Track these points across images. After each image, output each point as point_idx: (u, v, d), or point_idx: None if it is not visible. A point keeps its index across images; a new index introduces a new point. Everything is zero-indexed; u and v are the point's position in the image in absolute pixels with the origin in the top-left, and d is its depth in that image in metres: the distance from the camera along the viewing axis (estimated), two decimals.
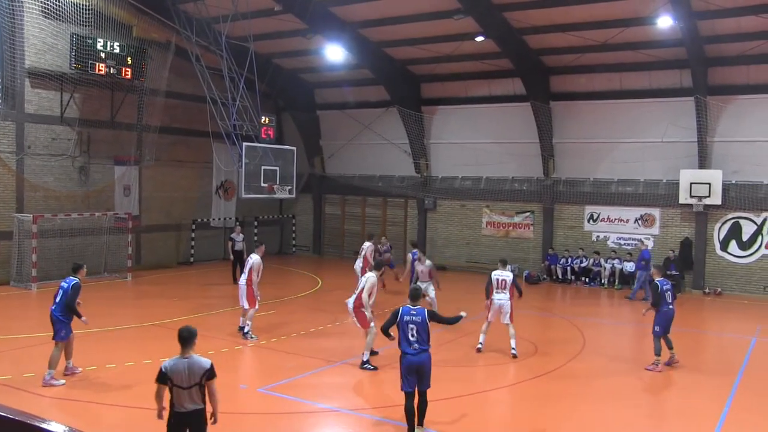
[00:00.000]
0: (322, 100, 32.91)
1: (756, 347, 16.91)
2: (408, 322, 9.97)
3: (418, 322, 9.95)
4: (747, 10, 20.47)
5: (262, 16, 24.03)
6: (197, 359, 7.59)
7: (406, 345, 9.93)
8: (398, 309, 10.18)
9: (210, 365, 7.58)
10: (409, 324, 9.96)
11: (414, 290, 10.55)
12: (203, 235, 29.84)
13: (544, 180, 27.71)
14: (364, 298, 14.00)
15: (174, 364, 7.50)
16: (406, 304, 10.24)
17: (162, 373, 7.48)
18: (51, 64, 23.18)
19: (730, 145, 24.31)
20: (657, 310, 14.42)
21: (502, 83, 28.00)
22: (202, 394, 7.53)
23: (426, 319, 10.00)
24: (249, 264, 16.36)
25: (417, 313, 10.03)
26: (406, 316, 10.02)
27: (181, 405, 7.44)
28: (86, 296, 21.04)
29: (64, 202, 24.31)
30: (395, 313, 10.16)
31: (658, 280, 14.66)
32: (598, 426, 11.07)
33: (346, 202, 33.64)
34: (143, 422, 10.31)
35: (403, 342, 9.96)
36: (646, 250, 24.29)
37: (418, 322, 9.94)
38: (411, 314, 10.03)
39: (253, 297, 16.14)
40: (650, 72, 25.08)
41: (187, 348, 7.65)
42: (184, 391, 7.43)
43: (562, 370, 14.26)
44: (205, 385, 7.53)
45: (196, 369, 7.49)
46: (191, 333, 7.72)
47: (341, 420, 11.07)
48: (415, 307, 10.16)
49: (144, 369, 13.30)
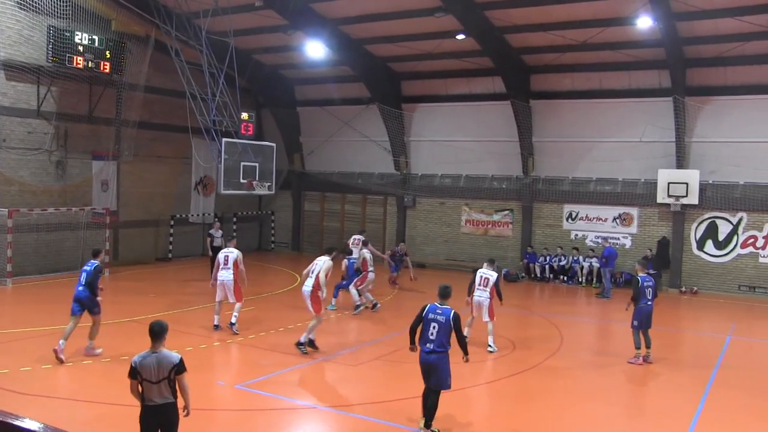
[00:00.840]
0: (303, 97, 32.82)
1: (730, 345, 17.11)
2: (431, 320, 9.89)
3: (441, 322, 9.85)
4: (725, 12, 20.67)
5: (242, 11, 23.92)
6: (166, 354, 7.58)
7: (423, 342, 9.92)
8: (425, 306, 10.12)
9: (179, 359, 7.56)
10: (431, 322, 9.88)
11: (444, 289, 10.30)
12: (182, 231, 29.69)
13: (524, 178, 27.81)
14: (321, 278, 14.44)
15: (143, 359, 7.51)
16: (434, 302, 10.14)
17: (132, 367, 7.49)
18: (27, 57, 22.85)
19: (707, 146, 24.54)
20: (636, 305, 14.65)
21: (482, 81, 28.06)
22: (172, 388, 7.51)
23: (450, 320, 9.85)
24: (232, 257, 16.31)
25: (442, 312, 9.92)
26: (430, 313, 9.95)
27: (150, 399, 7.44)
28: (63, 292, 20.96)
29: (40, 196, 24.03)
30: (421, 309, 10.10)
31: (640, 276, 14.97)
32: (575, 422, 11.13)
33: (326, 199, 33.58)
34: (119, 419, 10.26)
35: (422, 339, 9.95)
36: (610, 247, 24.42)
37: (441, 322, 9.85)
38: (436, 312, 9.94)
39: (240, 291, 16.23)
40: (630, 72, 25.25)
41: (157, 342, 7.64)
42: (153, 386, 7.42)
43: (540, 367, 14.32)
44: (174, 380, 7.50)
45: (164, 363, 7.48)
46: (162, 327, 7.71)
47: (319, 417, 11.05)
48: (442, 306, 10.04)
49: (121, 365, 13.21)
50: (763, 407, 12.17)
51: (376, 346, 15.71)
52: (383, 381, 13.23)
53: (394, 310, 19.68)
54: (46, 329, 15.69)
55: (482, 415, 11.83)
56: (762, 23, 20.80)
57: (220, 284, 16.21)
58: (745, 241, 24.34)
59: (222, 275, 16.22)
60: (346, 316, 18.72)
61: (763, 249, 24.05)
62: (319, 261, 15.01)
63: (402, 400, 11.58)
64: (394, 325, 17.76)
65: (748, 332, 19.13)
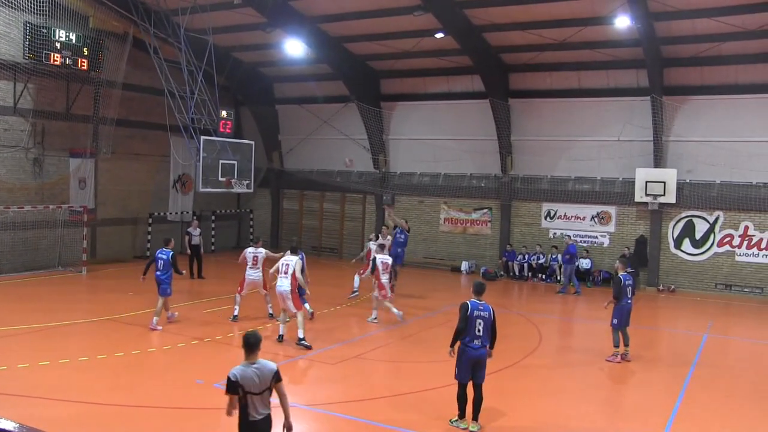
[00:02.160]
0: (281, 95, 32.73)
1: (707, 343, 17.26)
2: (477, 317, 10.17)
3: (486, 317, 10.21)
4: (701, 12, 20.89)
5: (221, 9, 23.83)
6: (264, 363, 7.26)
7: (470, 339, 10.16)
8: (465, 303, 10.29)
9: (277, 367, 7.29)
10: (477, 319, 10.17)
11: (480, 285, 10.56)
12: (160, 229, 29.44)
13: (502, 177, 27.90)
14: (298, 276, 15.01)
15: (243, 372, 7.11)
16: (472, 299, 10.35)
17: (232, 382, 7.06)
18: (3, 53, 22.56)
19: (684, 145, 24.75)
20: (617, 303, 14.72)
21: (461, 80, 28.13)
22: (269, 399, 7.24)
23: (492, 315, 10.30)
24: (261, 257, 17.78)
25: (484, 308, 10.28)
26: (475, 310, 10.21)
27: (254, 413, 7.09)
28: (40, 290, 20.87)
29: (17, 194, 23.82)
30: (463, 308, 10.26)
31: (621, 275, 15.02)
32: (554, 419, 11.17)
33: (305, 197, 33.52)
34: (96, 417, 10.20)
35: (468, 335, 10.16)
36: (572, 245, 24.55)
37: (486, 318, 10.21)
38: (479, 309, 10.23)
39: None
40: (608, 71, 25.41)
41: (253, 354, 7.25)
42: (256, 397, 7.10)
43: (519, 365, 14.38)
44: (273, 389, 7.25)
45: (265, 373, 7.16)
46: (257, 338, 7.31)
47: (298, 415, 11.01)
48: (481, 302, 10.32)
49: (98, 364, 13.15)
50: (739, 404, 12.29)
51: (356, 344, 15.72)
52: (362, 380, 13.23)
53: (370, 310, 19.67)
54: (23, 328, 15.56)
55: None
56: (738, 24, 21.03)
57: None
58: (721, 240, 24.57)
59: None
60: (324, 314, 18.68)
61: (739, 248, 24.31)
62: (290, 261, 15.12)
63: (381, 399, 11.59)
64: (371, 323, 17.78)
65: (725, 330, 19.33)
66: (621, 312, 14.76)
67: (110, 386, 11.80)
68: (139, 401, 11.08)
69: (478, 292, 10.40)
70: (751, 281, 24.20)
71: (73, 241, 24.82)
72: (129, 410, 10.67)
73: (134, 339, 15.20)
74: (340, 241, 32.27)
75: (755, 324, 20.10)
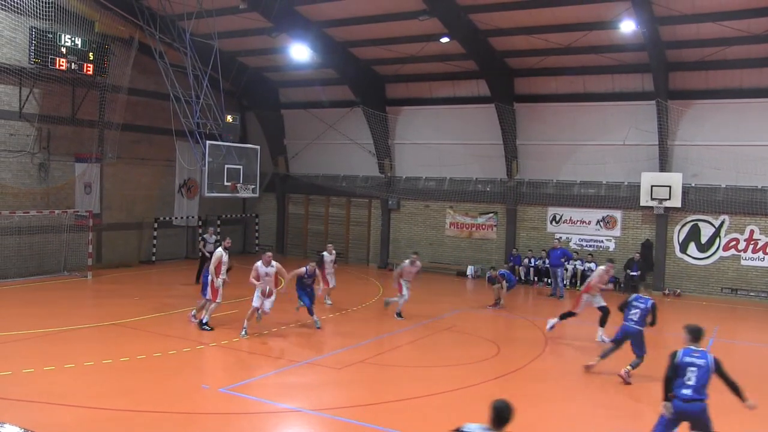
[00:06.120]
0: (287, 99, 32.77)
1: (713, 347, 17.16)
2: (689, 364, 8.86)
3: (700, 365, 8.83)
4: (706, 17, 20.89)
5: (227, 13, 23.88)
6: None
7: (679, 389, 8.85)
8: (675, 352, 9.03)
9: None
10: (689, 367, 8.85)
11: (696, 331, 9.20)
12: (165, 234, 29.55)
13: (508, 181, 27.88)
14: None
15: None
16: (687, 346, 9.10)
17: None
18: (9, 58, 22.69)
19: (689, 149, 24.72)
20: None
21: (466, 84, 28.13)
22: None
23: (711, 366, 8.87)
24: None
25: (700, 356, 8.93)
26: (686, 357, 8.91)
27: None
28: (46, 295, 20.89)
29: (22, 199, 23.88)
30: (672, 356, 9.01)
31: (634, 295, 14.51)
32: (560, 425, 11.15)
33: (310, 201, 33.53)
34: (101, 423, 10.20)
35: (676, 385, 8.89)
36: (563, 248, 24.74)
37: (700, 365, 8.83)
38: (693, 356, 8.92)
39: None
40: (613, 75, 25.40)
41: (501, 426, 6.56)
42: None
43: (524, 370, 14.35)
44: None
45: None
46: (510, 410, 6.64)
47: (303, 420, 11.01)
48: (698, 349, 9.03)
49: (103, 369, 13.15)
50: (745, 408, 12.21)
51: (361, 348, 15.70)
52: (367, 384, 13.21)
53: (376, 314, 19.66)
54: (28, 332, 15.57)
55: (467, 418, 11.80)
56: (743, 28, 21.02)
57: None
58: (727, 244, 24.52)
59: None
60: (329, 319, 18.67)
61: (744, 252, 24.26)
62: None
63: (386, 403, 11.58)
64: (376, 328, 17.77)
65: (731, 334, 19.27)
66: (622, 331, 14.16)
67: (115, 391, 11.80)
68: (144, 406, 11.06)
69: (694, 339, 9.12)
70: (757, 285, 24.13)
71: (78, 245, 24.84)
72: (134, 415, 10.66)
73: (139, 344, 15.20)
74: (346, 246, 32.23)
75: (762, 328, 20.06)
